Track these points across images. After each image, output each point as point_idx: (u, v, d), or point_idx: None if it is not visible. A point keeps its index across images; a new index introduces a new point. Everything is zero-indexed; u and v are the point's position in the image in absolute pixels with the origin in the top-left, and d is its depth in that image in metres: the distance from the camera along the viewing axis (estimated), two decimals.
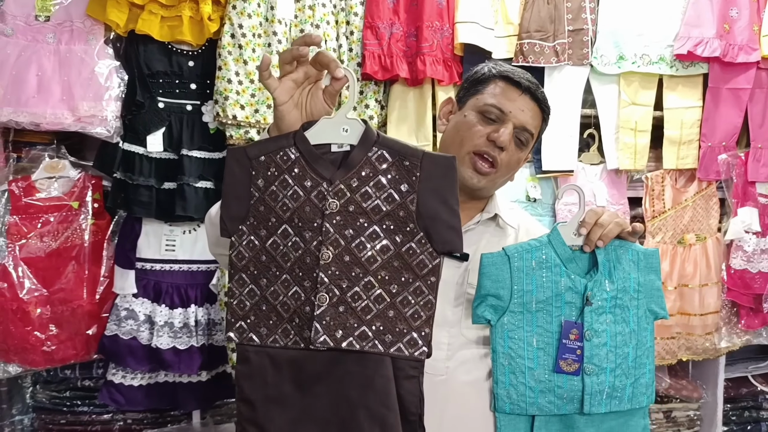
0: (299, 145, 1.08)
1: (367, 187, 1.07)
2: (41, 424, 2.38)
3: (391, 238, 1.07)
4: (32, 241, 2.21)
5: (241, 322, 1.11)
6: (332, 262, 1.06)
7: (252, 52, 2.24)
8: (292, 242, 1.08)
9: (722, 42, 2.50)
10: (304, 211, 1.07)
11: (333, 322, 1.06)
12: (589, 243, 1.25)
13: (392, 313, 1.07)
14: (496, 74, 1.40)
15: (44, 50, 2.17)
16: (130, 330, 2.25)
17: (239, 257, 1.11)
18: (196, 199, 2.24)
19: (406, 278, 1.07)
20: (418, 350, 1.07)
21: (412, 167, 1.06)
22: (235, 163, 1.10)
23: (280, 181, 1.08)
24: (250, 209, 1.09)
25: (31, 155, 2.25)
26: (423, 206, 1.06)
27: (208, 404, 2.43)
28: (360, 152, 1.07)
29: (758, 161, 2.59)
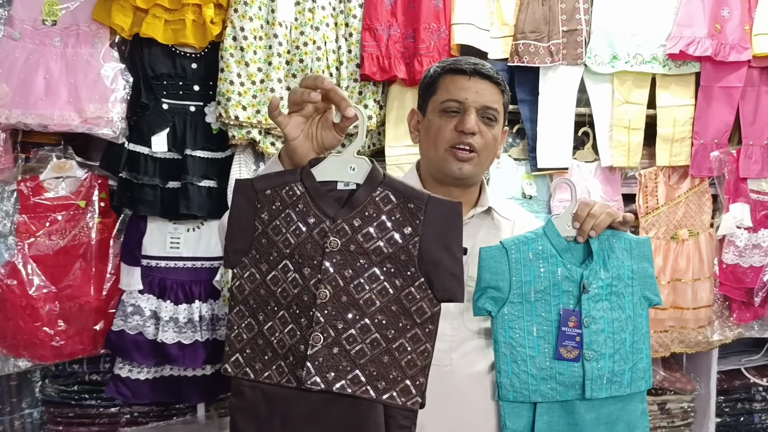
0: (305, 181, 1.07)
1: (369, 228, 1.04)
2: (50, 417, 2.44)
3: (390, 281, 1.04)
4: (41, 240, 2.26)
5: (238, 355, 1.09)
6: (329, 301, 1.04)
7: (253, 54, 2.29)
8: (292, 278, 1.05)
9: (714, 41, 2.54)
10: (305, 247, 1.05)
11: (326, 363, 1.03)
12: (582, 233, 1.29)
13: (387, 359, 1.03)
14: (441, 71, 1.44)
15: (51, 54, 2.22)
16: (136, 325, 2.31)
17: (240, 289, 1.09)
18: (199, 198, 2.30)
19: (403, 324, 1.03)
20: (411, 400, 1.03)
21: (417, 210, 1.04)
22: (242, 196, 1.09)
23: (284, 216, 1.07)
24: (253, 242, 1.08)
25: (39, 156, 2.30)
26: (425, 251, 1.03)
27: (212, 397, 2.49)
28: (365, 192, 1.06)
29: (750, 158, 2.63)
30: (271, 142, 2.35)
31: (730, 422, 2.83)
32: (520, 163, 2.59)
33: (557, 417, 1.33)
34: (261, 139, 2.32)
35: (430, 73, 1.48)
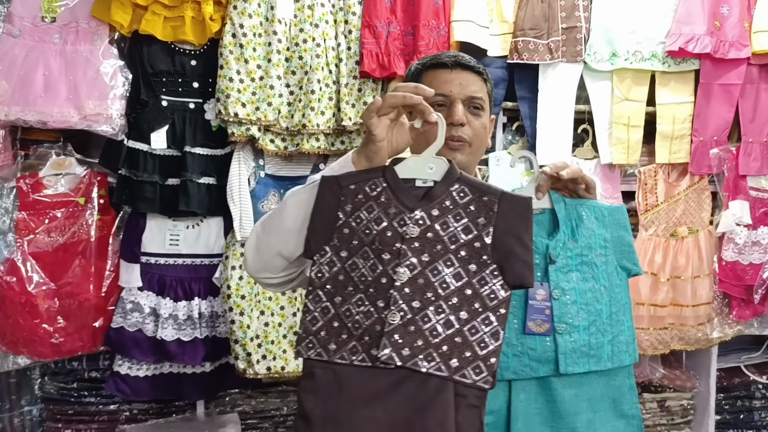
0: (387, 177, 1.15)
1: (446, 218, 1.12)
2: (49, 414, 2.44)
3: (464, 267, 1.10)
4: (40, 237, 2.27)
5: (312, 337, 1.14)
6: (407, 283, 1.10)
7: (253, 51, 2.30)
8: (371, 263, 1.13)
9: (713, 39, 2.55)
10: (385, 234, 1.13)
11: (401, 340, 1.08)
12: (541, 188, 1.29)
13: (459, 339, 1.08)
14: (422, 67, 1.44)
15: (50, 50, 2.22)
16: (135, 322, 2.31)
17: (319, 275, 1.15)
18: (198, 195, 2.30)
19: (476, 307, 1.09)
20: (482, 379, 1.07)
21: (490, 203, 1.11)
22: (327, 189, 1.17)
23: (366, 207, 1.15)
24: (335, 231, 1.15)
25: (39, 153, 2.31)
26: (498, 240, 1.10)
27: (211, 394, 2.49)
28: (442, 186, 1.14)
29: (749, 155, 2.64)
30: (270, 140, 2.35)
31: (729, 419, 2.83)
32: (520, 160, 2.58)
33: (534, 395, 1.30)
34: (260, 136, 2.32)
35: (412, 72, 1.48)
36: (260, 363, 2.32)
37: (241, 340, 2.30)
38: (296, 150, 2.37)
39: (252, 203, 2.35)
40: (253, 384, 2.51)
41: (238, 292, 2.29)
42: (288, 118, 2.35)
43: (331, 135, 2.41)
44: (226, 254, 2.34)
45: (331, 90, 2.39)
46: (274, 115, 2.32)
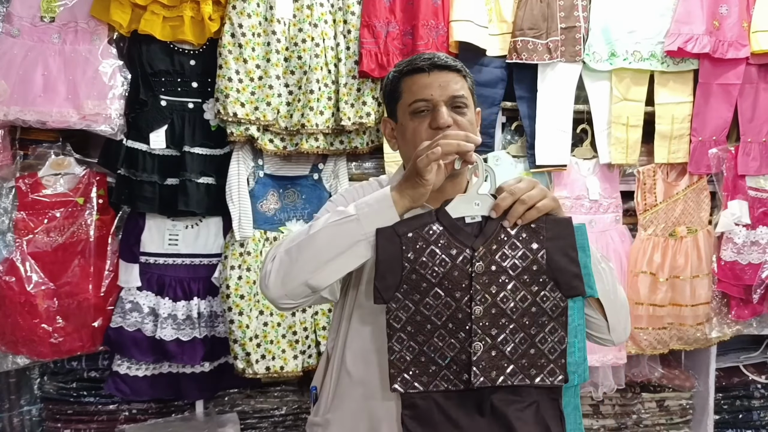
0: (442, 220, 1.27)
1: (503, 250, 1.25)
2: (49, 414, 2.44)
3: (527, 289, 1.25)
4: (39, 236, 2.27)
5: (404, 374, 1.28)
6: (482, 315, 1.25)
7: (252, 51, 2.30)
8: (444, 302, 1.26)
9: (712, 38, 2.55)
10: (452, 275, 1.25)
11: (488, 365, 1.25)
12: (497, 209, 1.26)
13: (533, 351, 1.26)
14: (399, 74, 1.44)
15: (50, 50, 2.23)
16: (134, 322, 2.32)
17: (396, 320, 1.28)
18: (197, 195, 2.30)
19: (542, 321, 1.26)
20: (557, 378, 1.26)
21: (539, 229, 1.25)
22: (386, 241, 1.26)
23: (428, 252, 1.26)
24: (402, 278, 1.27)
25: (38, 152, 2.31)
26: (551, 260, 1.25)
27: (210, 394, 2.49)
28: (494, 222, 1.26)
29: (748, 155, 2.64)
30: (269, 139, 2.35)
31: (728, 419, 2.83)
32: (519, 160, 2.59)
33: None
34: (259, 135, 2.32)
35: (390, 79, 1.47)
36: (259, 363, 2.32)
37: (240, 339, 2.30)
38: (295, 150, 2.37)
39: (251, 203, 2.36)
40: (252, 384, 2.51)
41: (237, 291, 2.29)
42: (287, 117, 2.35)
43: (330, 135, 2.41)
44: (225, 254, 2.34)
45: (330, 90, 2.39)
46: (273, 114, 2.32)
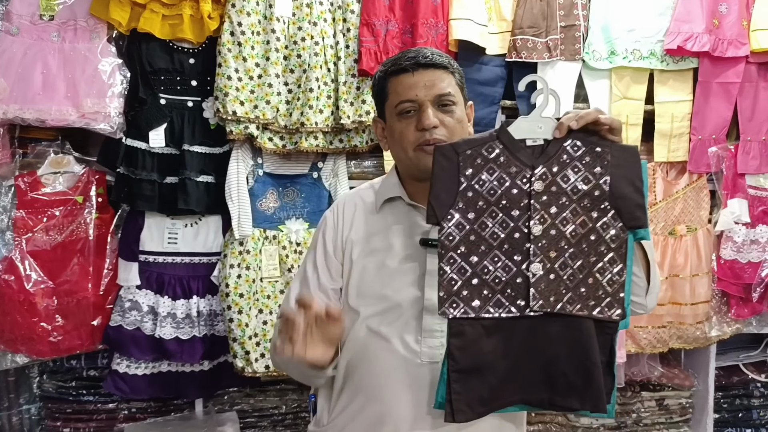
0: (503, 139, 1.22)
1: (565, 171, 1.21)
2: (48, 412, 2.44)
3: (588, 214, 1.20)
4: (38, 235, 2.26)
5: (454, 297, 1.23)
6: (542, 235, 1.20)
7: (251, 49, 2.29)
8: (501, 221, 1.22)
9: (712, 37, 2.54)
10: (511, 193, 1.21)
11: (546, 289, 1.20)
12: (560, 127, 1.21)
13: (591, 281, 1.21)
14: (384, 75, 1.43)
15: (49, 48, 2.22)
16: (133, 321, 2.31)
17: (449, 239, 1.23)
18: (197, 193, 2.30)
19: (601, 250, 1.21)
20: (615, 312, 1.21)
21: (604, 153, 1.20)
22: (443, 157, 1.24)
23: (486, 169, 1.22)
24: (458, 195, 1.22)
25: (37, 151, 2.30)
26: (615, 187, 1.19)
27: (210, 393, 2.49)
28: (556, 143, 1.21)
29: (747, 153, 2.64)
30: (269, 138, 2.35)
31: (728, 418, 2.83)
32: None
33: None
34: (259, 134, 2.32)
35: (377, 79, 1.47)
36: (259, 361, 2.32)
37: (239, 338, 2.30)
38: (294, 148, 2.37)
39: (250, 201, 2.35)
40: (252, 382, 2.50)
41: (236, 290, 2.29)
42: (286, 116, 2.35)
43: (329, 133, 2.41)
44: (224, 252, 2.34)
45: (330, 88, 2.39)
46: (273, 113, 2.32)
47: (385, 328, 1.38)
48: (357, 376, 1.41)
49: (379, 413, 1.36)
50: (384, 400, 1.36)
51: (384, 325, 1.38)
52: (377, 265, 1.43)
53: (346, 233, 1.49)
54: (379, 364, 1.37)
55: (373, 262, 1.44)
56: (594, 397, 1.21)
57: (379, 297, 1.40)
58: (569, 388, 1.22)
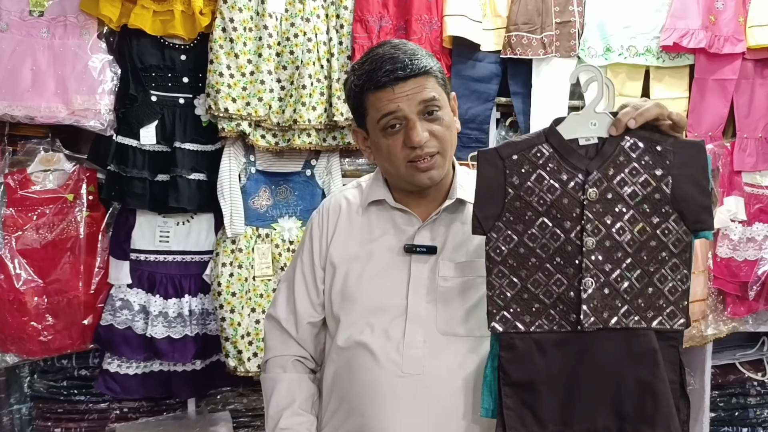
0: (552, 141, 1.14)
1: (622, 174, 1.12)
2: (39, 412, 2.41)
3: (647, 220, 1.12)
4: (28, 233, 2.24)
5: (504, 312, 1.17)
6: (595, 248, 1.13)
7: (243, 45, 2.27)
8: (551, 233, 1.15)
9: (708, 33, 2.53)
10: (561, 202, 1.14)
11: (599, 304, 1.13)
12: (617, 124, 1.13)
13: (651, 290, 1.13)
14: (360, 90, 1.33)
15: (38, 45, 2.20)
16: (125, 320, 2.29)
17: (497, 252, 1.17)
18: (189, 191, 2.27)
19: (662, 256, 1.13)
20: (677, 322, 1.14)
21: (665, 152, 1.11)
22: (488, 164, 1.17)
23: (535, 177, 1.14)
24: (505, 206, 1.16)
25: (27, 148, 2.28)
26: (678, 189, 1.11)
27: (202, 392, 2.47)
28: (613, 142, 1.12)
29: (744, 151, 2.62)
30: (261, 135, 2.33)
31: (724, 417, 2.82)
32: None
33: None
34: (251, 131, 2.30)
35: (352, 90, 1.36)
36: (251, 360, 2.30)
37: (231, 337, 2.28)
38: (287, 146, 2.35)
39: (243, 199, 2.33)
40: (245, 382, 2.48)
41: (228, 289, 2.27)
42: (279, 113, 2.33)
43: (322, 131, 2.39)
44: (216, 251, 2.32)
45: (323, 85, 2.37)
46: (265, 110, 2.30)
47: (368, 337, 1.34)
48: (341, 387, 1.38)
49: (360, 425, 1.33)
50: (365, 413, 1.32)
51: (366, 334, 1.34)
52: (360, 271, 1.39)
53: (329, 238, 1.46)
54: (361, 375, 1.34)
55: (356, 267, 1.40)
56: (664, 421, 1.11)
57: (361, 304, 1.37)
58: (638, 412, 1.12)
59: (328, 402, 1.42)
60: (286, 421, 1.38)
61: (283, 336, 1.49)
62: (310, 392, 1.45)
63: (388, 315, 1.34)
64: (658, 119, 1.14)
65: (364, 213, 1.45)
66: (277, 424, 1.39)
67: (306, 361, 1.49)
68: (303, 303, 1.46)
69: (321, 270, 1.46)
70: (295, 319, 1.47)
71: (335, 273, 1.42)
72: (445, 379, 1.30)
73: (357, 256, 1.41)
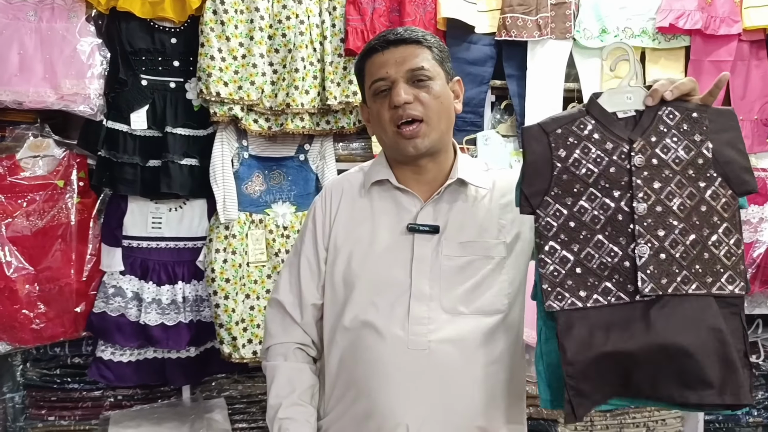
0: (594, 113, 1.16)
1: (664, 141, 1.14)
2: (32, 401, 2.40)
3: (694, 185, 1.13)
4: (18, 220, 2.21)
5: (559, 288, 1.16)
6: (647, 214, 1.13)
7: (234, 28, 2.24)
8: (600, 203, 1.15)
9: (704, 14, 2.50)
10: (609, 171, 1.15)
11: (657, 270, 1.12)
12: (654, 93, 1.16)
13: (707, 255, 1.13)
14: (361, 59, 1.42)
15: (25, 28, 2.16)
16: (118, 307, 2.27)
17: (547, 228, 1.17)
18: (181, 177, 2.25)
19: (714, 221, 1.13)
20: (737, 286, 1.13)
21: (701, 118, 1.14)
22: (533, 140, 1.17)
23: (581, 149, 1.16)
24: (552, 180, 1.16)
25: (15, 134, 2.24)
26: (718, 153, 1.13)
27: (196, 380, 2.46)
28: (650, 113, 1.15)
29: None
30: (254, 119, 2.30)
31: None
32: (509, 139, 2.55)
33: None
34: (243, 116, 2.27)
35: (357, 64, 1.45)
36: (246, 347, 2.29)
37: (226, 324, 2.26)
38: (280, 130, 2.32)
39: (236, 185, 2.31)
40: (240, 368, 2.47)
41: (222, 275, 2.25)
42: (271, 97, 2.30)
43: (315, 114, 2.36)
44: (209, 237, 2.30)
45: (316, 68, 2.34)
46: (257, 94, 2.27)
47: (372, 316, 1.35)
48: (347, 370, 1.39)
49: (366, 407, 1.34)
50: (370, 394, 1.33)
51: (371, 313, 1.35)
52: (364, 251, 1.40)
53: (332, 219, 1.47)
54: (366, 353, 1.35)
55: (360, 248, 1.41)
56: (735, 388, 1.10)
57: (366, 284, 1.38)
58: (702, 380, 1.11)
59: (334, 388, 1.42)
60: (285, 411, 1.38)
61: (286, 321, 1.48)
62: (310, 383, 1.45)
63: (393, 293, 1.35)
64: (690, 94, 1.17)
65: (367, 194, 1.46)
66: (276, 414, 1.39)
67: (308, 348, 1.49)
68: (307, 285, 1.47)
69: (324, 251, 1.46)
70: (300, 302, 1.47)
71: (339, 254, 1.43)
72: (450, 355, 1.32)
73: (360, 236, 1.42)
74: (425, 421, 1.30)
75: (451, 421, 1.32)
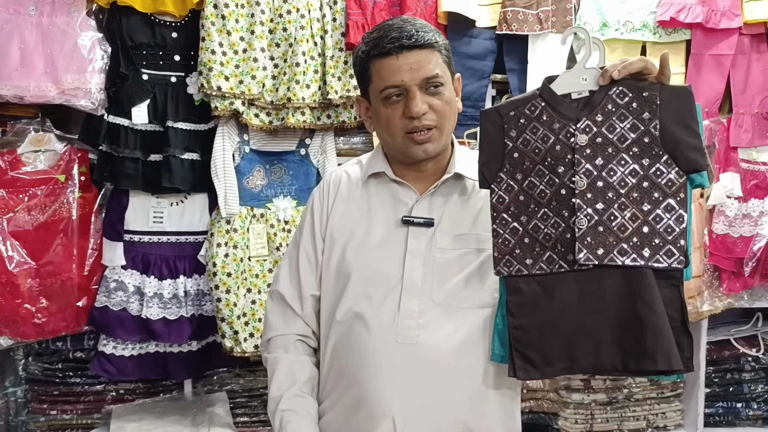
0: (545, 96, 1.23)
1: (611, 120, 1.18)
2: (34, 395, 2.41)
3: (638, 162, 1.18)
4: (20, 215, 2.21)
5: (508, 256, 1.25)
6: (587, 188, 1.19)
7: (235, 22, 2.24)
8: (547, 179, 1.22)
9: (705, 8, 2.50)
10: (555, 149, 1.21)
11: (593, 241, 1.19)
12: (604, 74, 1.20)
13: (647, 229, 1.17)
14: (366, 56, 1.37)
15: (26, 23, 2.16)
16: (119, 301, 2.28)
17: (500, 201, 1.26)
18: (182, 171, 2.25)
19: (656, 197, 1.17)
20: (675, 260, 1.16)
21: (652, 97, 1.17)
22: (488, 122, 1.26)
23: (530, 129, 1.23)
24: (505, 157, 1.25)
25: (17, 129, 2.25)
26: (666, 131, 1.16)
27: (198, 374, 2.47)
28: (601, 92, 1.19)
29: (740, 127, 2.61)
30: (255, 114, 2.30)
31: (719, 392, 2.83)
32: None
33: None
34: (244, 110, 2.27)
35: (359, 58, 1.39)
36: (248, 341, 2.29)
37: (227, 318, 2.26)
38: (281, 124, 2.32)
39: (237, 179, 2.31)
40: (241, 362, 2.48)
41: (224, 269, 2.25)
42: (272, 91, 2.30)
43: (317, 109, 2.36)
44: (211, 231, 2.30)
45: (317, 63, 2.34)
46: (258, 88, 2.27)
47: (365, 308, 1.36)
48: (339, 360, 1.40)
49: (356, 397, 1.35)
50: (361, 384, 1.34)
51: (364, 305, 1.36)
52: (359, 242, 1.41)
53: (329, 210, 1.48)
54: (357, 345, 1.36)
55: (355, 239, 1.42)
56: (665, 354, 1.14)
57: (360, 276, 1.39)
58: (639, 347, 1.16)
59: (327, 378, 1.43)
60: (287, 403, 1.39)
61: (287, 313, 1.48)
62: (311, 375, 1.45)
63: (385, 285, 1.36)
64: (642, 72, 1.19)
65: (364, 186, 1.47)
66: (278, 406, 1.39)
67: (308, 339, 1.49)
68: (307, 276, 1.47)
69: (321, 241, 1.47)
70: (300, 294, 1.48)
71: (334, 245, 1.44)
72: (439, 348, 1.33)
73: (355, 228, 1.43)
74: (413, 413, 1.31)
75: (439, 415, 1.32)
